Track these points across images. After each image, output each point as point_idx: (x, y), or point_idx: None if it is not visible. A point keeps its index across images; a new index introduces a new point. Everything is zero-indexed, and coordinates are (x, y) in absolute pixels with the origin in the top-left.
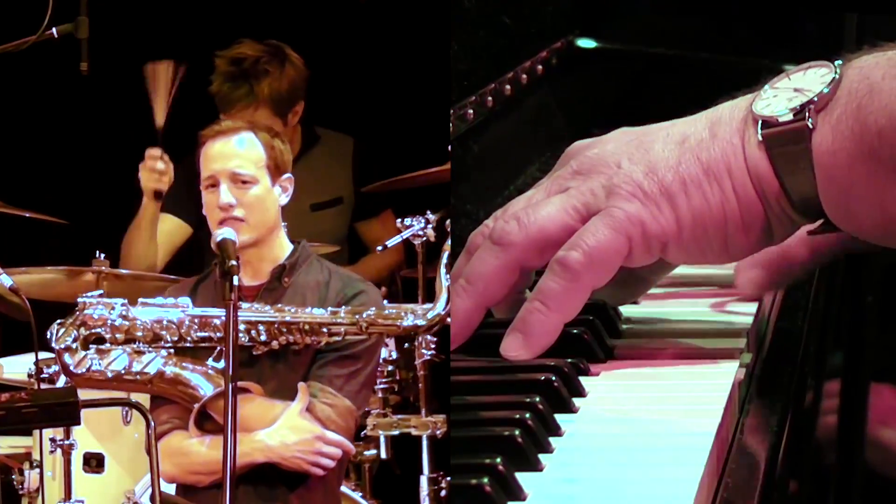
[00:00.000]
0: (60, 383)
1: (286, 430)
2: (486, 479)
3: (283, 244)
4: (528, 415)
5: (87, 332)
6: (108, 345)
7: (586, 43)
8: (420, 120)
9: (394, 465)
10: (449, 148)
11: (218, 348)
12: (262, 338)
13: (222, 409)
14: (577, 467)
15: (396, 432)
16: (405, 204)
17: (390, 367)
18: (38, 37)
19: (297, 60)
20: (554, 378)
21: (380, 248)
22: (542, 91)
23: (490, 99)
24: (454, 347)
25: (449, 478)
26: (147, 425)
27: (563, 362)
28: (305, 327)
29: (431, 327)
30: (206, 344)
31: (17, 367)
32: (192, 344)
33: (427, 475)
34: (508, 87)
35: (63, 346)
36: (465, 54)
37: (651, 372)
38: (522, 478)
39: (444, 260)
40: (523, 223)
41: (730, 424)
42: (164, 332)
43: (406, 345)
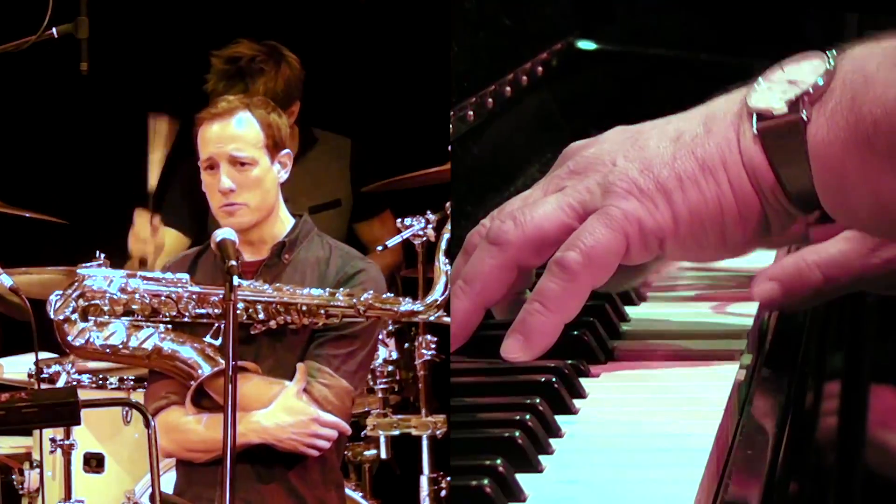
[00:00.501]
0: (60, 383)
1: (281, 411)
2: (486, 481)
3: (284, 220)
4: (528, 416)
5: (87, 304)
6: (106, 317)
7: (586, 44)
8: (420, 121)
9: (394, 465)
10: (449, 149)
11: (216, 325)
12: (261, 317)
13: (219, 387)
14: (577, 468)
15: (397, 432)
16: (405, 204)
17: (390, 367)
18: (38, 37)
19: (293, 61)
20: (554, 379)
21: (380, 248)
22: (541, 92)
23: (490, 100)
24: (454, 349)
25: (449, 478)
26: (147, 425)
27: (563, 364)
28: (303, 308)
29: (428, 311)
30: (205, 320)
31: (17, 367)
32: (190, 320)
33: (427, 475)
34: (508, 89)
35: (62, 318)
36: (465, 55)
37: (651, 373)
38: (523, 479)
39: (444, 246)
40: (519, 222)
41: (730, 425)
42: (162, 306)
43: (406, 345)
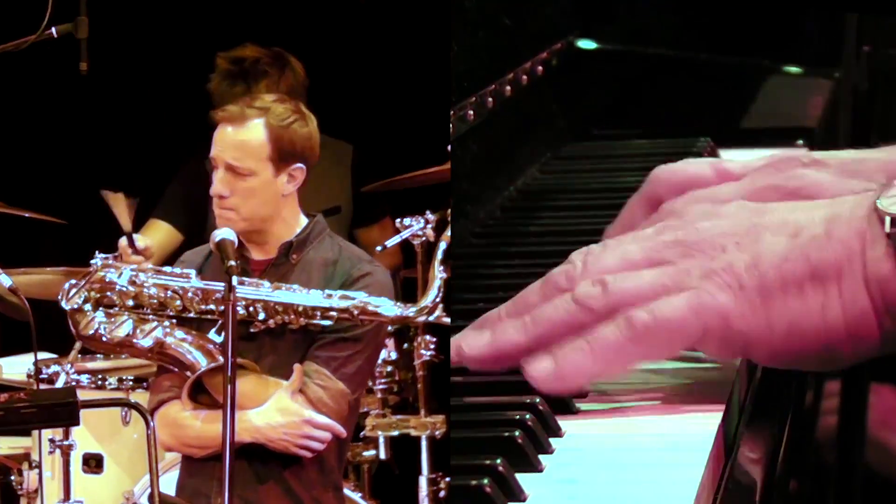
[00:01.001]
0: (59, 384)
1: (274, 411)
2: (486, 480)
3: (292, 221)
4: (528, 415)
5: (98, 295)
6: (116, 309)
7: (586, 44)
8: (420, 120)
9: (393, 465)
10: (449, 148)
11: (220, 321)
12: (261, 316)
13: (216, 384)
14: (577, 468)
15: (396, 433)
16: (404, 204)
17: (389, 368)
18: (37, 37)
19: (298, 68)
20: None
21: (379, 249)
22: (542, 92)
23: (490, 99)
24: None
25: (448, 478)
26: (147, 426)
27: None
28: (300, 308)
29: (419, 316)
30: (210, 316)
31: (17, 368)
32: (195, 315)
33: (426, 476)
34: (508, 88)
35: (75, 307)
36: (465, 55)
37: None
38: (523, 478)
39: (440, 255)
40: (609, 292)
41: (730, 425)
42: (168, 301)
43: (405, 345)
